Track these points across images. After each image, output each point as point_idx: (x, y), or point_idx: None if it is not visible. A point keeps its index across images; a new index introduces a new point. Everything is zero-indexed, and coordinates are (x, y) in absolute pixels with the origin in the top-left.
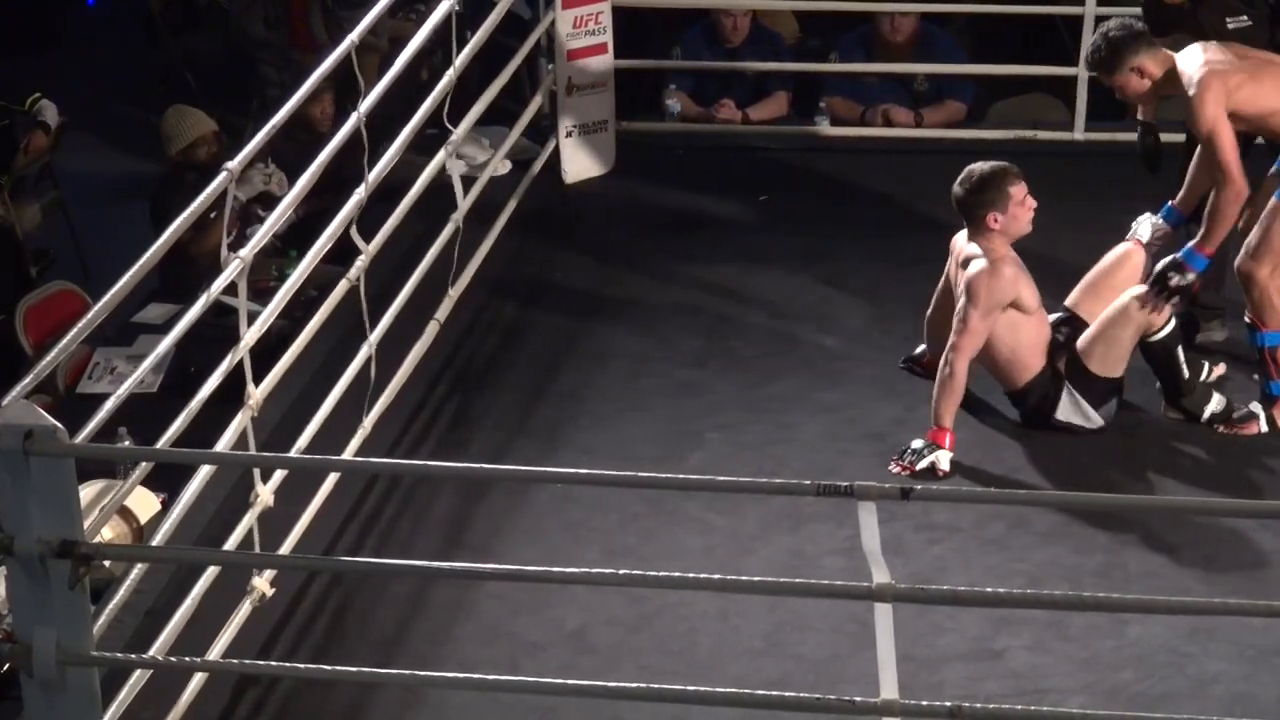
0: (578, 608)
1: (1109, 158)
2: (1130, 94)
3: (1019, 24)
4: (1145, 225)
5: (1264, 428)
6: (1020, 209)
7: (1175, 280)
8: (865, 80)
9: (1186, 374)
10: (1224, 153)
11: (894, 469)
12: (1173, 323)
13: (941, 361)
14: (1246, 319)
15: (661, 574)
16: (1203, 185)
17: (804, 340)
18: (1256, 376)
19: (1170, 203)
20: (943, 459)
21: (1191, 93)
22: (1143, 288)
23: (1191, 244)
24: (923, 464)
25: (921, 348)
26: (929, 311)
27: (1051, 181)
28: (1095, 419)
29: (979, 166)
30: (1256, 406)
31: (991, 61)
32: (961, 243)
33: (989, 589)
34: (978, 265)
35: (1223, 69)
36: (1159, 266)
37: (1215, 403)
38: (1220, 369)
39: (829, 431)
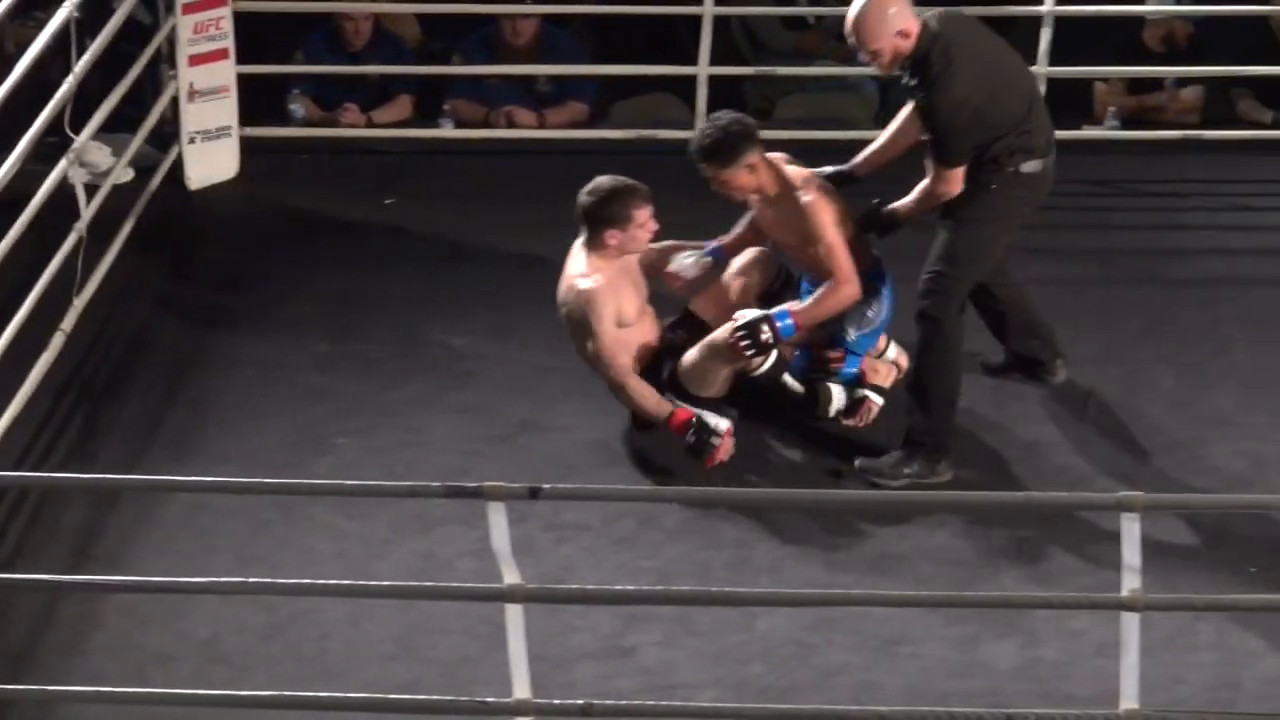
0: (209, 617)
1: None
2: (735, 189)
3: (639, 25)
4: (689, 261)
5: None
6: (640, 231)
7: (764, 335)
8: (488, 82)
9: (801, 391)
10: (840, 259)
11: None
12: (770, 360)
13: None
14: None
15: (292, 581)
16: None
17: (432, 342)
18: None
19: (718, 244)
20: (720, 426)
21: (807, 199)
22: (745, 315)
23: (792, 309)
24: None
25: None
26: None
27: (674, 180)
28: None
29: (608, 180)
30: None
31: (612, 62)
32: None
33: (618, 586)
34: (580, 286)
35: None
36: (750, 317)
37: (837, 399)
38: None
39: (458, 433)
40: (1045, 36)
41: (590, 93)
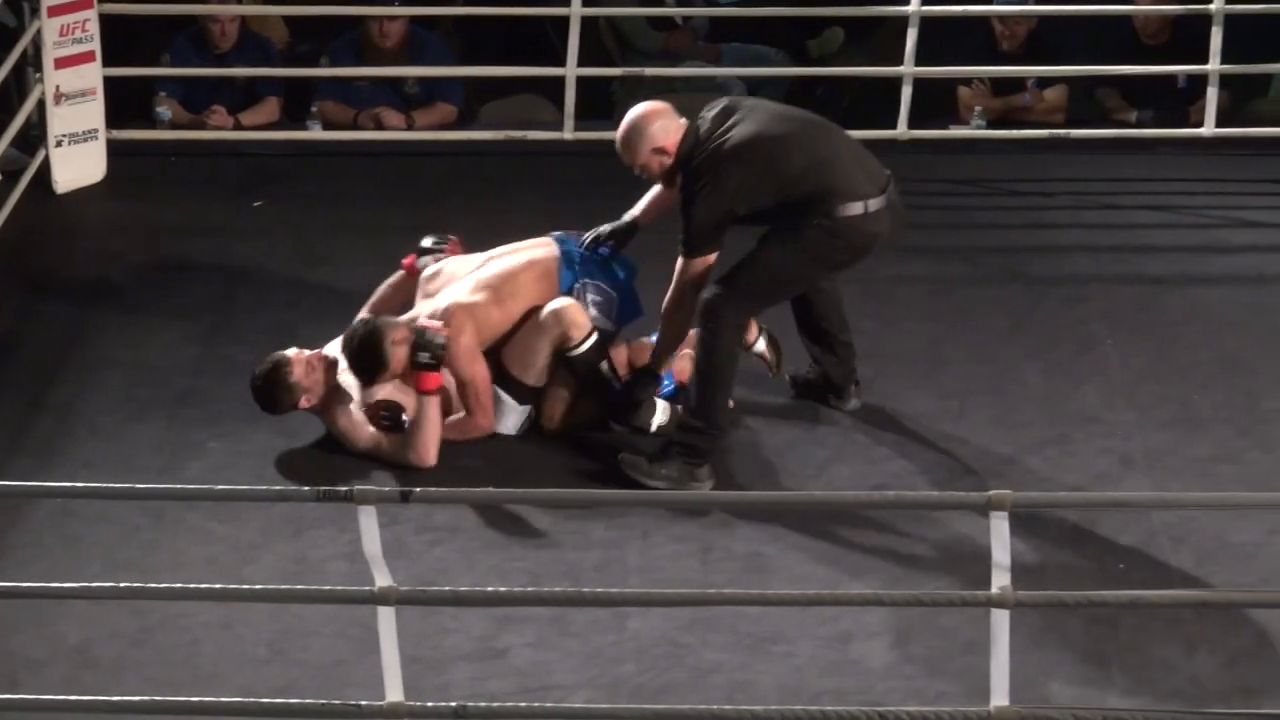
0: (79, 622)
1: (597, 156)
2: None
3: (507, 26)
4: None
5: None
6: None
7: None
8: (356, 84)
9: (618, 385)
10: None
11: None
12: (592, 339)
13: None
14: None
15: (163, 585)
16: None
17: (301, 345)
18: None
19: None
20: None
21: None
22: (564, 301)
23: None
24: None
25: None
26: None
27: (543, 180)
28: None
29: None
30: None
31: (481, 64)
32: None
33: (491, 588)
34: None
35: None
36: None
37: (660, 414)
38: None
39: (330, 437)
40: (911, 37)
41: (458, 94)
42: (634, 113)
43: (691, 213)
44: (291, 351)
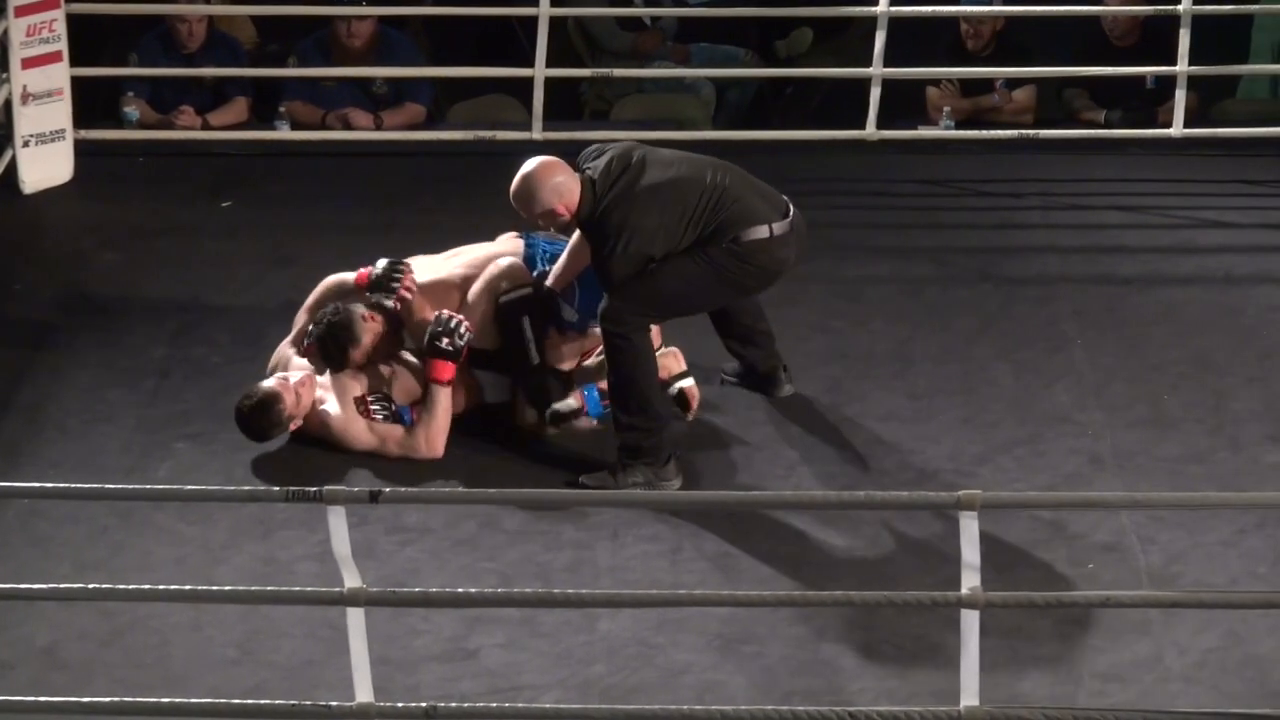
0: (47, 624)
1: (566, 157)
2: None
3: (475, 26)
4: None
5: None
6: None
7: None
8: (324, 84)
9: (536, 360)
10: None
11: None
12: (523, 291)
13: None
14: None
15: (132, 587)
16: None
17: (270, 345)
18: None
19: None
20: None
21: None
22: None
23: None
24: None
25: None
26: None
27: (510, 181)
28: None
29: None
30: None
31: (449, 64)
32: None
33: (461, 589)
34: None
35: None
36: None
37: (568, 401)
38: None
39: (299, 436)
40: (880, 38)
41: (427, 94)
42: (527, 169)
43: (611, 268)
44: (275, 383)
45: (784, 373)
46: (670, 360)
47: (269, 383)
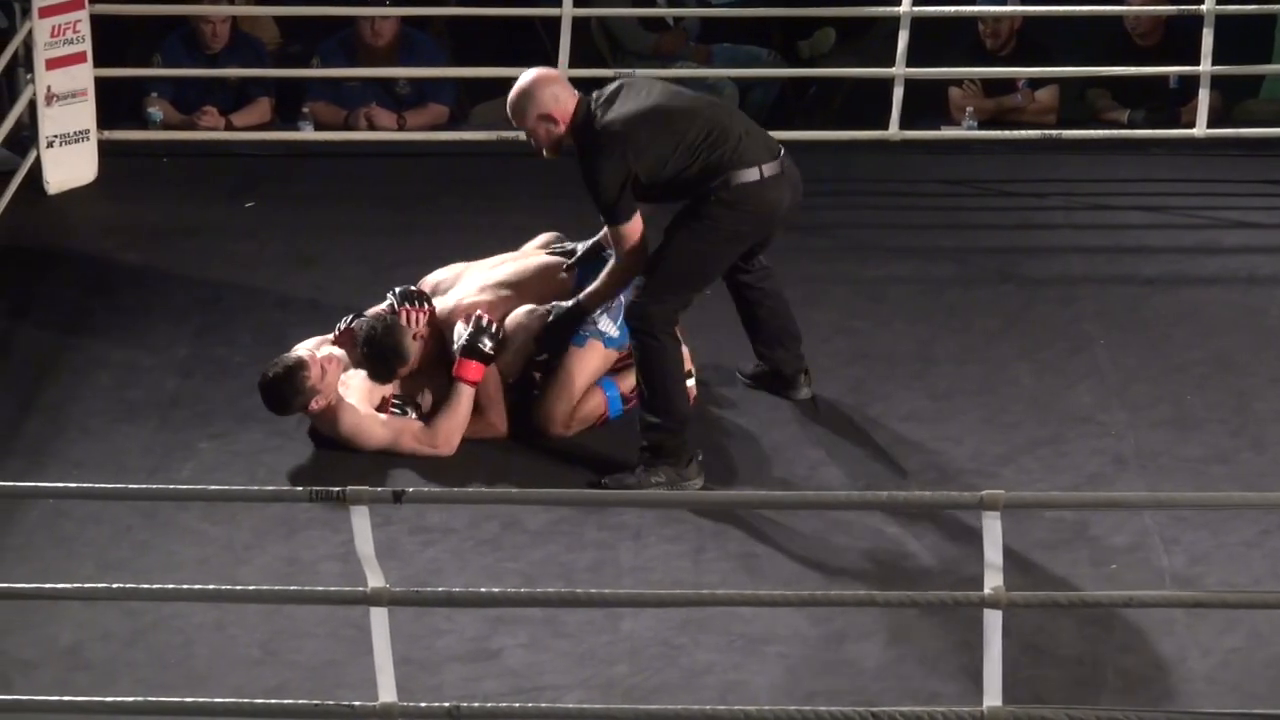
0: (71, 624)
1: None
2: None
3: (498, 27)
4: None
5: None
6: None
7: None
8: (348, 84)
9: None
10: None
11: None
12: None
13: None
14: None
15: (155, 586)
16: None
17: (293, 345)
18: None
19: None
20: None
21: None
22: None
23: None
24: None
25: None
26: None
27: (535, 181)
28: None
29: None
30: None
31: (472, 64)
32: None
33: (484, 589)
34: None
35: None
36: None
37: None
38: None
39: (320, 440)
40: (903, 38)
41: (450, 94)
42: (525, 78)
43: (597, 179)
44: (305, 353)
45: (804, 376)
46: None
47: (295, 351)
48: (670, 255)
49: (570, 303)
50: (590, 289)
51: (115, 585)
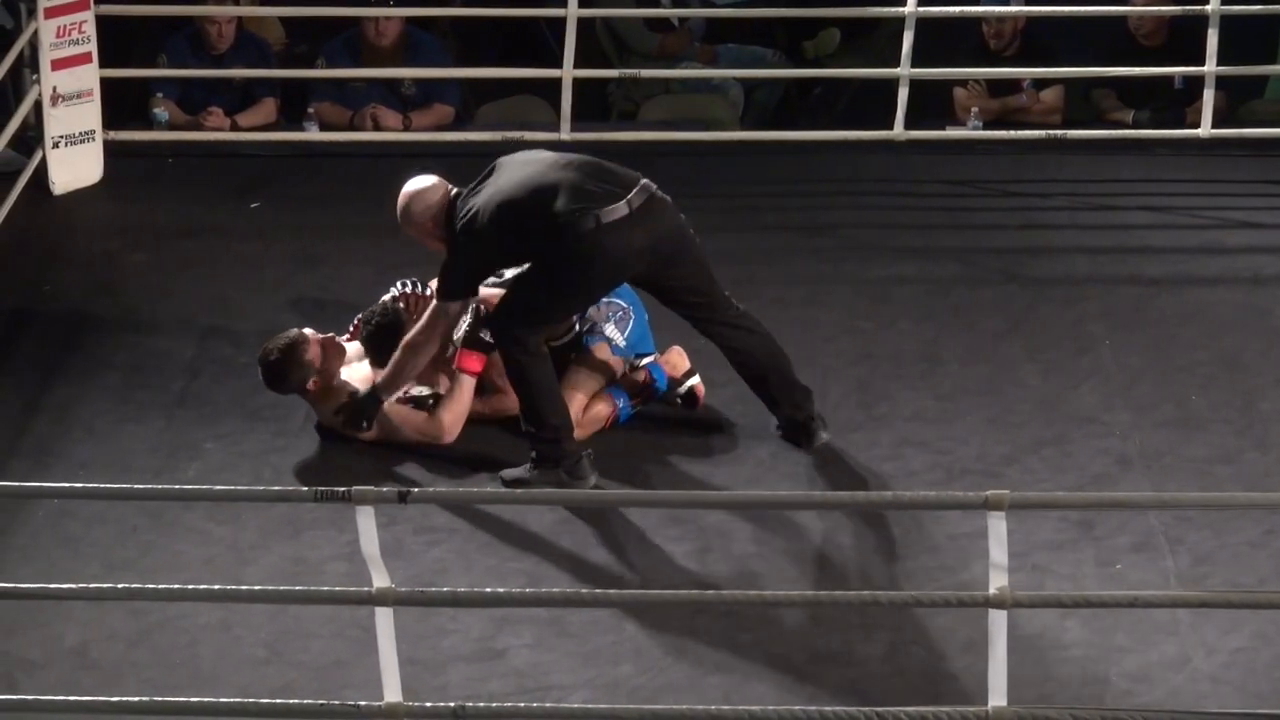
0: (77, 624)
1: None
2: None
3: (503, 27)
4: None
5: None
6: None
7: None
8: (353, 85)
9: None
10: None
11: None
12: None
13: None
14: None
15: (161, 586)
16: None
17: None
18: None
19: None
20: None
21: None
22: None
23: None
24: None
25: None
26: None
27: None
28: None
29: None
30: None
31: (477, 64)
32: None
33: (489, 589)
34: None
35: None
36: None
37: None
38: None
39: (327, 437)
40: (908, 39)
41: (455, 95)
42: (404, 192)
43: (449, 270)
44: (307, 330)
45: (816, 422)
46: (675, 358)
47: (294, 330)
48: (527, 285)
49: (368, 390)
50: (385, 373)
51: (121, 585)
